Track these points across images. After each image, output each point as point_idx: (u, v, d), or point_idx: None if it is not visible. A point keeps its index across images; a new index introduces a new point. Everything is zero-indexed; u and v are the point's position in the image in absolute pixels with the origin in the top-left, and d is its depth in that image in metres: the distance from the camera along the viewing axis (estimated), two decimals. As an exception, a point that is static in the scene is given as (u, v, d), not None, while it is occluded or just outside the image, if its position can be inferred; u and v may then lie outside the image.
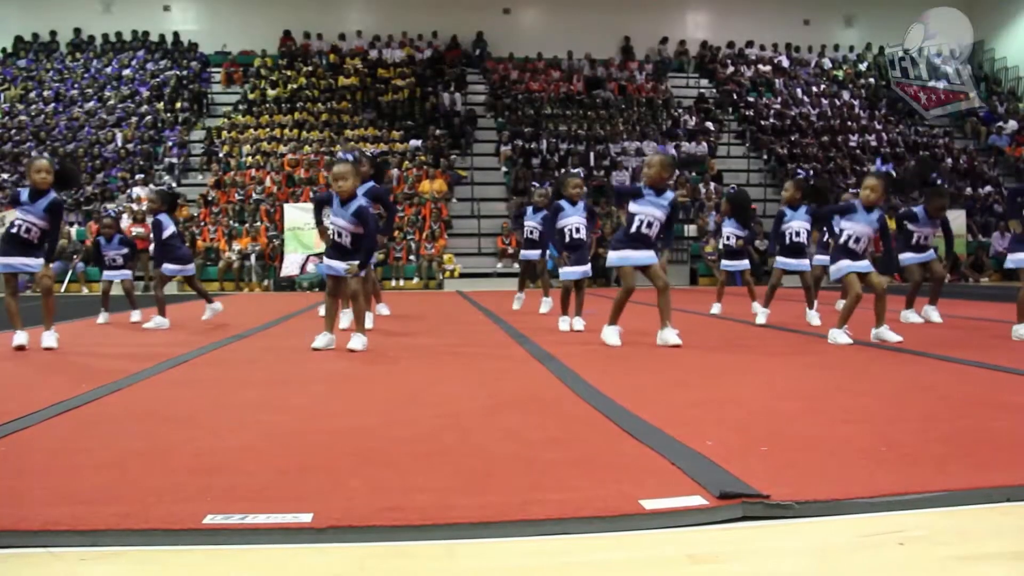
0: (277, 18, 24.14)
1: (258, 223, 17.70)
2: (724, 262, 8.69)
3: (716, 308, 8.61)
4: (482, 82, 24.35)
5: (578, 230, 6.69)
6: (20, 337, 5.59)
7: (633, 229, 5.61)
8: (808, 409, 3.33)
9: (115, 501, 2.05)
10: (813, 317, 6.99)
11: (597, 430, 2.92)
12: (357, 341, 5.42)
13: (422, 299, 12.90)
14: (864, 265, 5.71)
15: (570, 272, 6.72)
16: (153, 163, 20.29)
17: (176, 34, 24.44)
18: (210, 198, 18.61)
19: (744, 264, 8.56)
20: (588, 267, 6.80)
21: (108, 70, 23.30)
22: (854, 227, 5.66)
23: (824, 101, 24.20)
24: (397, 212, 6.48)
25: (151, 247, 15.54)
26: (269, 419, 3.22)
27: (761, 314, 7.05)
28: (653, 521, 1.92)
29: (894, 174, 5.96)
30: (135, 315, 8.09)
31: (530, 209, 8.75)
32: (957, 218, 18.64)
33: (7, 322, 5.81)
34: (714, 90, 24.52)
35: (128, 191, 18.54)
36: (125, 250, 8.25)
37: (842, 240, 5.71)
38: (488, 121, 22.63)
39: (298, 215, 17.23)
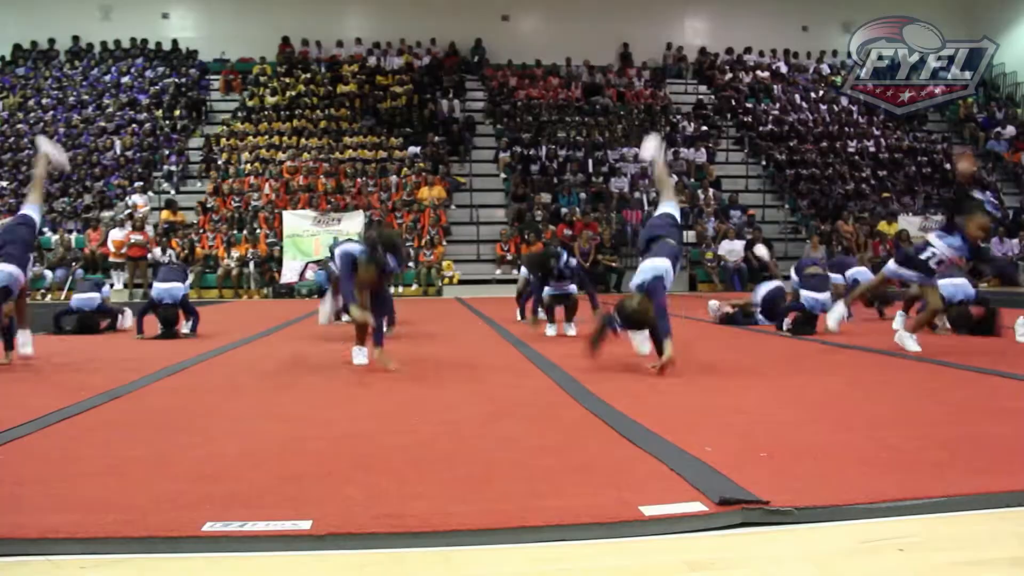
0: (276, 25, 24.17)
1: (257, 230, 17.70)
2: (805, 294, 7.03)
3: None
4: (481, 89, 24.37)
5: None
6: None
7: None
8: (807, 416, 3.33)
9: (114, 509, 2.05)
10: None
11: (596, 436, 2.92)
12: (360, 355, 5.37)
13: (421, 306, 12.89)
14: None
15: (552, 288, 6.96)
16: (152, 171, 20.30)
17: (175, 41, 24.45)
18: (209, 205, 18.61)
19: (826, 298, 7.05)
20: (573, 286, 7.01)
21: (107, 78, 23.31)
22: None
23: (822, 107, 24.25)
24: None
25: (148, 255, 15.50)
26: (267, 427, 3.22)
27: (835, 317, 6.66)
28: (652, 527, 1.91)
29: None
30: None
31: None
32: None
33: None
34: (712, 96, 24.55)
35: (126, 199, 18.54)
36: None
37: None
38: (487, 128, 22.64)
39: (297, 222, 17.21)
